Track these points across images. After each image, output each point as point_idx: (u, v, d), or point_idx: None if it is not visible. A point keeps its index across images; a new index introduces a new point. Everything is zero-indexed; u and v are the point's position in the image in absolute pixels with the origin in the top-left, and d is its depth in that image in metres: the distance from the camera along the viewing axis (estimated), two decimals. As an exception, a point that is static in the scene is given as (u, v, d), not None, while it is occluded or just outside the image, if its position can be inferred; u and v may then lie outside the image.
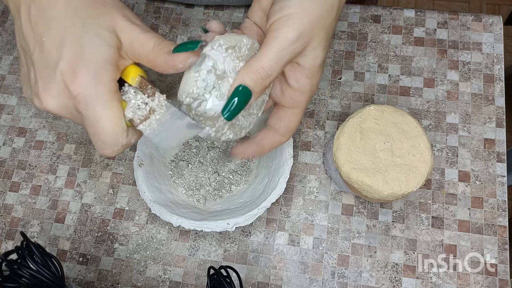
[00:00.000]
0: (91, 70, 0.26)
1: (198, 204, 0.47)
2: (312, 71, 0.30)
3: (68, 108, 0.27)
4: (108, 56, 0.27)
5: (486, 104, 0.50)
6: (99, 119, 0.27)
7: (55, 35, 0.27)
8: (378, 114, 0.42)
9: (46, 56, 0.27)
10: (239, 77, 0.29)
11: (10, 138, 0.52)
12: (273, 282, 0.45)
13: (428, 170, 0.40)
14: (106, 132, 0.27)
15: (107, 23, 0.27)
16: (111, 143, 0.28)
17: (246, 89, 0.29)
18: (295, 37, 0.28)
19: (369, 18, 0.54)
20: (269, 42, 0.28)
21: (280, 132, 0.33)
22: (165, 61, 0.28)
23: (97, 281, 0.46)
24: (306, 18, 0.28)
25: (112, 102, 0.27)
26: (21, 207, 0.49)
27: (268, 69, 0.28)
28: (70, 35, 0.26)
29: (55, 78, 0.26)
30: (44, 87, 0.27)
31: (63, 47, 0.26)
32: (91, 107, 0.26)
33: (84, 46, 0.26)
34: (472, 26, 0.53)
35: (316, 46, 0.30)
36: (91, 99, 0.26)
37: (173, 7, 0.57)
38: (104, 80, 0.27)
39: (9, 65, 0.56)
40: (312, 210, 0.47)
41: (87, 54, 0.26)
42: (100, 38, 0.27)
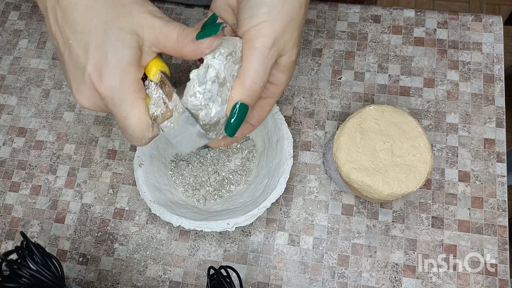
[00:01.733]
0: (116, 74, 0.28)
1: (198, 204, 0.47)
2: (287, 67, 0.32)
3: (100, 106, 0.30)
4: (131, 58, 0.28)
5: (486, 104, 0.50)
6: (126, 117, 0.29)
7: (80, 39, 0.28)
8: (378, 114, 0.42)
9: (75, 59, 0.29)
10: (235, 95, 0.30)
11: (10, 138, 0.52)
12: (273, 282, 0.45)
13: (428, 170, 0.40)
14: (133, 128, 0.29)
15: (128, 24, 0.28)
16: (139, 137, 0.30)
17: (243, 105, 0.31)
18: (270, 44, 0.30)
19: (369, 18, 0.54)
20: (250, 54, 0.30)
21: (252, 121, 0.35)
22: (191, 49, 0.29)
23: (97, 281, 0.46)
24: (277, 25, 0.30)
25: (137, 101, 0.29)
26: (21, 207, 0.49)
27: (259, 80, 0.30)
28: (93, 39, 0.28)
29: (85, 81, 0.28)
30: (76, 88, 0.29)
31: (88, 51, 0.28)
32: (118, 107, 0.29)
33: (107, 51, 0.28)
34: (472, 26, 0.53)
35: (292, 46, 0.31)
36: (118, 100, 0.28)
37: (173, 7, 0.57)
38: (128, 82, 0.28)
39: (9, 65, 0.56)
40: (312, 210, 0.47)
41: (111, 58, 0.28)
42: (121, 41, 0.28)
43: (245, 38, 0.30)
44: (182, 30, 0.29)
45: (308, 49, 0.53)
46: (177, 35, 0.28)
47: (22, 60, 0.56)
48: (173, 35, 0.29)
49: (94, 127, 0.52)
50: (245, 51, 0.30)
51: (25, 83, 0.55)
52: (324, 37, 0.54)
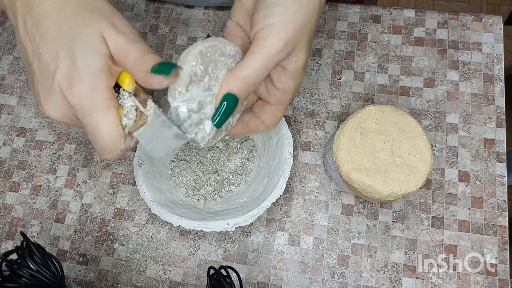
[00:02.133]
0: (86, 81, 0.27)
1: (198, 204, 0.47)
2: (295, 73, 0.32)
3: (69, 116, 0.28)
4: (101, 65, 0.27)
5: (486, 104, 0.50)
6: (96, 127, 0.27)
7: (50, 47, 0.27)
8: (378, 114, 0.42)
9: (45, 67, 0.27)
10: (226, 86, 0.30)
11: (10, 138, 0.52)
12: (273, 282, 0.45)
13: (428, 170, 0.40)
14: (104, 138, 0.28)
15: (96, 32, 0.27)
16: (110, 148, 0.29)
17: (233, 97, 0.30)
18: (281, 47, 0.29)
19: (369, 18, 0.54)
20: (255, 51, 0.29)
21: (266, 124, 0.35)
22: (143, 78, 0.28)
23: (97, 281, 0.46)
24: (290, 27, 0.29)
25: (108, 109, 0.27)
26: (21, 207, 0.49)
27: (255, 77, 0.29)
28: (63, 46, 0.27)
29: (54, 89, 0.27)
30: (45, 98, 0.28)
31: (58, 58, 0.27)
32: (88, 116, 0.27)
33: (76, 57, 0.27)
34: (472, 26, 0.53)
35: (299, 50, 0.31)
36: (88, 108, 0.27)
37: (173, 7, 0.57)
38: (99, 89, 0.27)
39: (9, 65, 0.56)
40: (312, 210, 0.47)
41: (80, 65, 0.27)
42: (90, 48, 0.27)
43: (257, 36, 0.29)
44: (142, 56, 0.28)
45: (308, 49, 0.53)
46: (135, 58, 0.28)
47: (22, 60, 0.56)
48: (132, 57, 0.28)
49: (94, 127, 0.52)
50: (252, 48, 0.29)
51: (25, 83, 0.55)
52: (324, 37, 0.54)
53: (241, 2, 0.34)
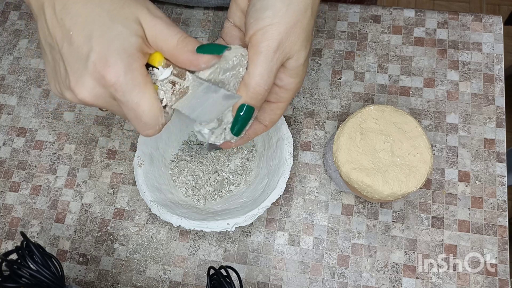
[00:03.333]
0: (123, 59, 0.27)
1: (198, 204, 0.47)
2: (296, 71, 0.32)
3: (104, 97, 0.28)
4: (137, 44, 0.28)
5: (486, 104, 0.50)
6: (139, 103, 0.28)
7: (83, 29, 0.27)
8: (378, 114, 0.42)
9: (76, 49, 0.28)
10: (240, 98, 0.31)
11: (10, 138, 0.52)
12: (273, 282, 0.45)
13: (428, 170, 0.40)
14: (146, 114, 0.28)
15: (132, 15, 0.28)
16: (153, 123, 0.29)
17: (248, 107, 0.31)
18: (275, 47, 0.30)
19: (369, 18, 0.54)
20: (255, 58, 0.30)
21: (265, 123, 0.35)
22: (189, 59, 0.29)
23: (97, 281, 0.46)
24: (282, 28, 0.30)
25: (147, 85, 0.28)
26: (21, 207, 0.49)
27: (264, 84, 0.30)
28: (98, 27, 0.27)
29: (88, 70, 0.27)
30: (76, 80, 0.28)
31: (92, 40, 0.27)
32: (129, 93, 0.28)
33: (112, 37, 0.27)
34: (472, 26, 0.53)
35: (298, 49, 0.31)
36: (127, 85, 0.27)
37: (173, 7, 0.57)
38: (136, 66, 0.28)
39: (9, 65, 0.56)
40: (312, 210, 0.47)
41: (117, 44, 0.27)
42: (127, 28, 0.28)
43: (251, 42, 0.30)
44: (184, 38, 0.29)
45: (308, 49, 0.53)
46: (177, 41, 0.28)
47: (22, 60, 0.56)
48: (173, 40, 0.28)
49: (94, 127, 0.52)
50: (251, 55, 0.30)
51: (25, 83, 0.55)
52: (324, 37, 0.54)
53: (237, 3, 0.34)
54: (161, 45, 0.29)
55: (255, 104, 0.31)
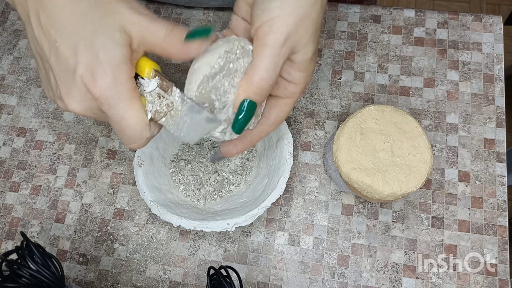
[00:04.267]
0: (109, 72, 0.27)
1: (198, 204, 0.47)
2: (304, 65, 0.31)
3: (92, 109, 0.28)
4: (122, 55, 0.27)
5: (486, 104, 0.50)
6: (123, 117, 0.28)
7: (68, 41, 0.27)
8: (378, 114, 0.42)
9: (63, 62, 0.27)
10: (242, 93, 0.30)
11: (10, 138, 0.52)
12: (273, 282, 0.45)
13: (428, 170, 0.40)
14: (130, 128, 0.28)
15: (116, 22, 0.27)
16: (136, 137, 0.29)
17: (250, 102, 0.30)
18: (283, 41, 0.29)
19: (369, 18, 0.54)
20: (260, 51, 0.29)
21: (270, 121, 0.34)
22: (179, 50, 0.28)
23: (97, 281, 0.46)
24: (290, 20, 0.29)
25: (133, 99, 0.28)
26: (21, 207, 0.49)
27: (268, 78, 0.29)
28: (82, 40, 0.27)
29: (76, 83, 0.27)
30: (66, 92, 0.28)
31: (78, 53, 0.27)
32: (114, 107, 0.27)
33: (97, 50, 0.27)
34: (472, 26, 0.53)
35: (306, 42, 0.30)
36: (113, 99, 0.27)
37: (173, 8, 0.57)
38: (122, 79, 0.27)
39: (9, 65, 0.56)
40: (312, 210, 0.47)
41: (102, 57, 0.27)
42: (111, 39, 0.27)
43: (257, 34, 0.29)
44: (171, 29, 0.28)
45: (308, 49, 0.53)
46: (164, 33, 0.28)
47: (22, 60, 0.56)
48: (160, 33, 0.28)
49: (94, 127, 0.52)
50: (256, 48, 0.29)
51: (25, 83, 0.55)
52: (324, 37, 0.54)
53: None
54: (150, 41, 0.28)
55: (258, 99, 0.30)
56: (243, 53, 0.30)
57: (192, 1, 0.55)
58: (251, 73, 0.29)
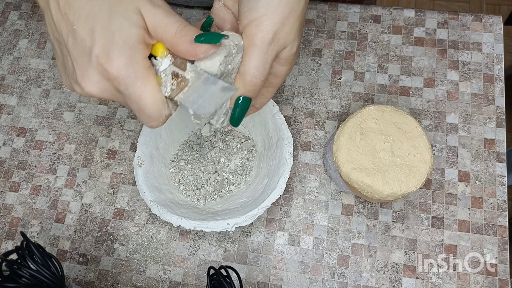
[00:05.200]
0: (125, 51, 0.27)
1: (198, 204, 0.47)
2: (287, 60, 0.32)
3: (109, 90, 0.29)
4: (138, 36, 0.28)
5: (486, 104, 0.50)
6: (141, 96, 0.28)
7: (85, 23, 0.28)
8: (378, 114, 0.42)
9: (80, 44, 0.28)
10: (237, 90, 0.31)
11: (10, 138, 0.52)
12: (273, 282, 0.45)
13: (428, 170, 0.40)
14: (149, 107, 0.28)
15: (132, 6, 0.28)
16: (156, 115, 0.29)
17: (245, 98, 0.32)
18: (270, 39, 0.30)
19: (369, 18, 0.54)
20: (250, 51, 0.30)
21: (256, 106, 0.36)
22: (187, 49, 0.29)
23: (97, 281, 0.46)
24: (276, 18, 0.29)
25: (149, 77, 0.28)
26: (21, 207, 0.49)
27: (260, 75, 0.31)
28: (99, 21, 0.27)
29: (92, 64, 0.27)
30: (82, 74, 0.28)
31: (94, 33, 0.27)
32: (131, 86, 0.28)
33: (114, 30, 0.27)
34: (472, 26, 0.53)
35: (293, 38, 0.31)
36: (129, 78, 0.27)
37: (172, 7, 0.57)
38: (138, 59, 0.28)
39: (9, 65, 0.56)
40: (312, 210, 0.47)
41: (118, 37, 0.27)
42: (128, 20, 0.27)
43: (245, 33, 0.30)
44: (183, 27, 0.28)
45: (308, 49, 0.53)
46: (176, 30, 0.28)
47: (22, 60, 0.56)
48: (172, 29, 0.28)
49: (94, 127, 0.52)
50: (246, 47, 0.30)
51: (25, 83, 0.55)
52: (324, 37, 0.54)
53: None
54: (160, 34, 0.29)
55: (252, 95, 0.32)
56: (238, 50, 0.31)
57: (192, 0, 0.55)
58: (243, 72, 0.31)
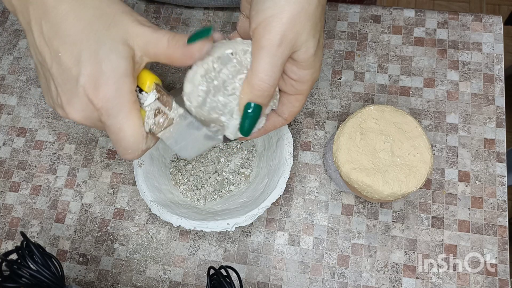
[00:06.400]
0: (111, 84, 0.27)
1: (198, 204, 0.47)
2: (307, 62, 0.30)
3: (92, 119, 0.29)
4: (125, 68, 0.27)
5: (486, 104, 0.50)
6: (121, 128, 0.28)
7: (72, 51, 0.27)
8: (378, 114, 0.42)
9: (66, 71, 0.27)
10: (244, 96, 0.30)
11: (10, 138, 0.52)
12: (273, 282, 0.45)
13: (428, 170, 0.40)
14: (127, 140, 0.29)
15: (119, 34, 0.28)
16: (132, 148, 0.29)
17: (254, 105, 0.30)
18: (278, 41, 0.28)
19: (369, 18, 0.54)
20: (257, 54, 0.29)
21: (284, 116, 0.34)
22: (182, 53, 0.28)
23: (97, 281, 0.46)
24: (284, 18, 0.28)
25: (132, 112, 0.28)
26: (21, 207, 0.49)
27: (268, 79, 0.29)
28: (86, 50, 0.27)
29: (78, 93, 0.27)
30: (67, 101, 0.28)
31: (80, 62, 0.27)
32: (113, 118, 0.28)
33: (101, 61, 0.27)
34: (472, 26, 0.53)
35: (306, 39, 0.29)
36: (113, 110, 0.27)
37: (173, 8, 0.57)
38: (123, 92, 0.27)
39: (9, 65, 0.56)
40: (312, 210, 0.47)
41: (105, 69, 0.27)
42: (115, 51, 0.27)
43: (254, 36, 0.29)
44: (173, 36, 0.28)
45: (308, 49, 0.53)
46: (167, 40, 0.28)
47: (22, 60, 0.56)
48: (164, 41, 0.28)
49: (94, 127, 0.52)
50: (254, 51, 0.29)
51: (25, 83, 0.55)
52: (324, 37, 0.54)
53: None
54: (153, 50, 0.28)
55: (262, 101, 0.30)
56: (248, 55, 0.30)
57: (192, 1, 0.55)
58: (250, 76, 0.29)
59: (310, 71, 0.31)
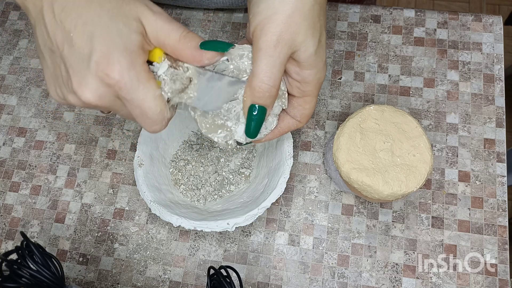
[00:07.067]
0: (126, 57, 0.27)
1: (198, 204, 0.47)
2: (308, 62, 0.30)
3: (108, 96, 0.28)
4: (138, 41, 0.28)
5: (486, 104, 0.50)
6: (144, 100, 0.28)
7: (84, 30, 0.27)
8: (378, 114, 0.42)
9: (78, 50, 0.27)
10: (247, 99, 0.30)
11: (10, 138, 0.52)
12: (273, 282, 0.45)
13: (428, 170, 0.40)
14: (152, 110, 0.28)
15: (132, 13, 0.28)
16: (159, 119, 0.29)
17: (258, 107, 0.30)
18: (275, 41, 0.29)
19: (369, 18, 0.54)
20: (256, 56, 0.29)
21: (297, 118, 0.34)
22: (192, 55, 0.29)
23: (97, 281, 0.46)
24: (279, 19, 0.28)
25: (150, 81, 0.28)
26: (21, 207, 0.49)
27: (267, 80, 0.29)
28: (98, 27, 0.27)
29: (90, 70, 0.27)
30: (79, 81, 0.28)
31: (93, 39, 0.27)
32: (133, 90, 0.27)
33: (114, 36, 0.27)
34: (472, 26, 0.53)
35: (304, 38, 0.29)
36: (131, 83, 0.27)
37: (173, 8, 0.57)
38: (138, 63, 0.28)
39: (9, 65, 0.56)
40: (312, 210, 0.47)
41: (118, 43, 0.27)
42: (127, 26, 0.27)
43: (253, 39, 0.30)
44: (187, 33, 0.28)
45: (308, 49, 0.53)
46: (180, 36, 0.28)
47: (22, 60, 0.56)
48: (175, 35, 0.28)
49: (94, 127, 0.52)
50: (253, 53, 0.30)
51: (25, 83, 0.55)
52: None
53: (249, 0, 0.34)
54: (163, 40, 0.29)
55: (264, 103, 0.30)
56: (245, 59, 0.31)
57: (192, 2, 0.55)
58: (251, 79, 0.30)
59: (312, 71, 0.31)
